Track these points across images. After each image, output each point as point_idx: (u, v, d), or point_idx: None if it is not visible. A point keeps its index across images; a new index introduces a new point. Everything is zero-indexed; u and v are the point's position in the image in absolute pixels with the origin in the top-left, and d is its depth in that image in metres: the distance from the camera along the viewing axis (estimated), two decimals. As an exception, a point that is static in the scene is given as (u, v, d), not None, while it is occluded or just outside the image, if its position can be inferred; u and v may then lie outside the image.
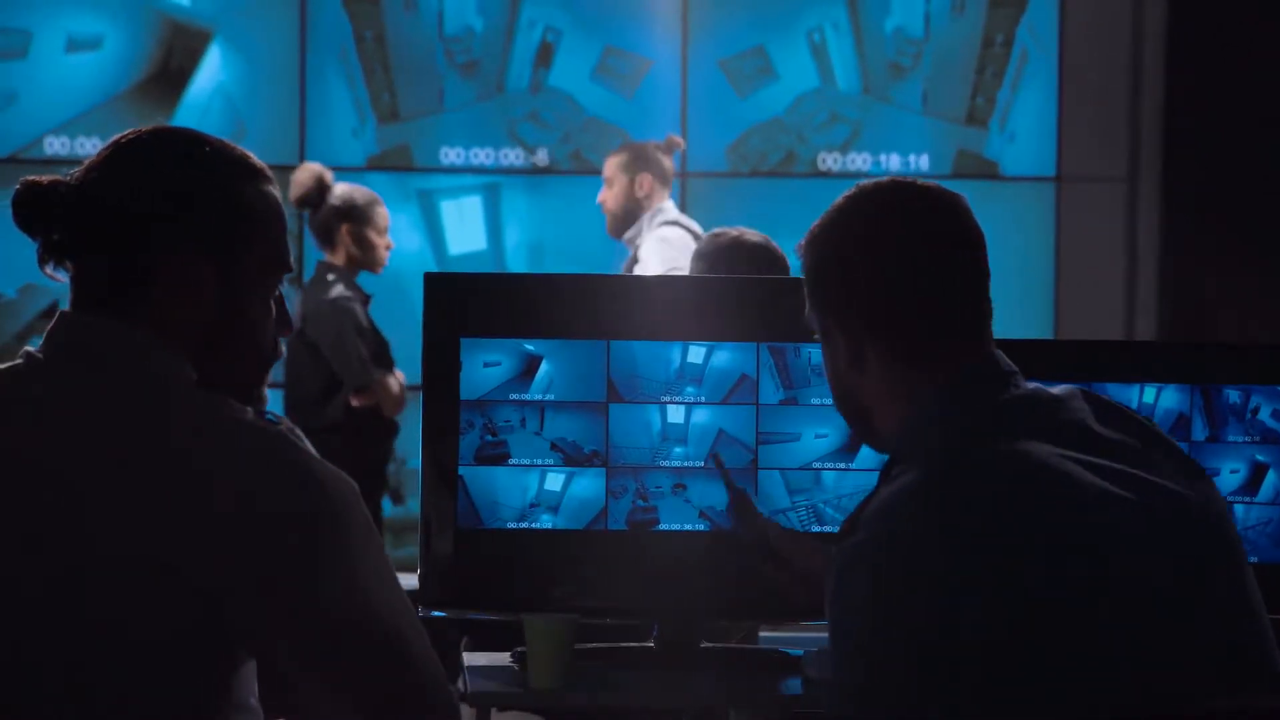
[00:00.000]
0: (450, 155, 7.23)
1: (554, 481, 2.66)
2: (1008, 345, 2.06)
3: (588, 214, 7.09)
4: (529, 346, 2.65)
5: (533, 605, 2.52)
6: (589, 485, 2.65)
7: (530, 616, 2.43)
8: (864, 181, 2.10)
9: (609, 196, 6.07)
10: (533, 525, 2.63)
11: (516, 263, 7.16)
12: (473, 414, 2.65)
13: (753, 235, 3.73)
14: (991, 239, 2.05)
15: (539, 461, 2.65)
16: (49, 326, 1.97)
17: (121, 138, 1.99)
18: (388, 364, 5.86)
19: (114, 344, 1.92)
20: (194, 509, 1.82)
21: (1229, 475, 2.71)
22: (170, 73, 7.13)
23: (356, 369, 5.81)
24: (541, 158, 7.23)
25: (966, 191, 2.14)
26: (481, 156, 7.24)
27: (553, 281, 2.78)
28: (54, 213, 1.94)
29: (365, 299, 5.92)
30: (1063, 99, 7.28)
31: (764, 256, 3.66)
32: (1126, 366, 2.74)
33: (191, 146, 1.99)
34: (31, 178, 1.95)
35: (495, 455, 2.64)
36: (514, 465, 2.64)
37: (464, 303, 2.66)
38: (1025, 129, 7.26)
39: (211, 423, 1.88)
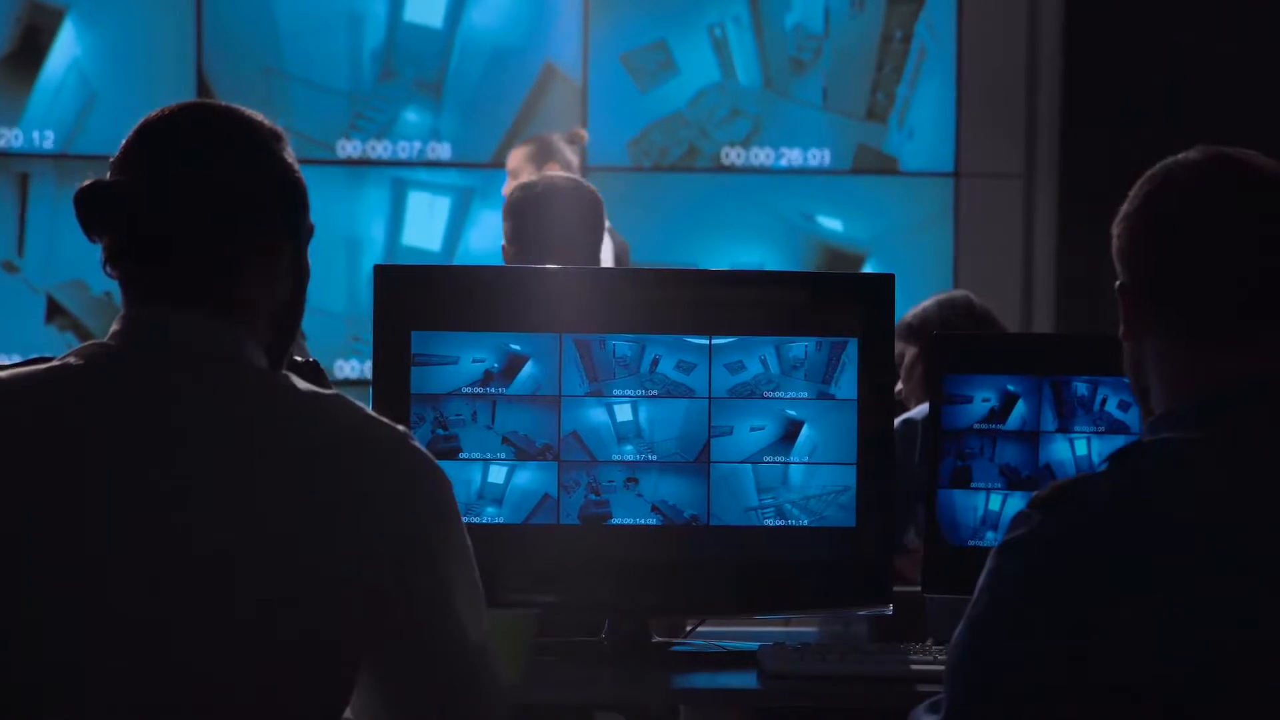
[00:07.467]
0: (348, 147, 7.17)
1: (497, 474, 2.65)
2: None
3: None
4: (506, 342, 2.63)
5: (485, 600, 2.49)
6: (530, 477, 2.64)
7: (491, 612, 2.40)
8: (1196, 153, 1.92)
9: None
10: (478, 520, 2.62)
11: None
12: (424, 408, 2.63)
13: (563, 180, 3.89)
14: (890, 234, 2.03)
15: (489, 455, 2.63)
16: (127, 322, 1.85)
17: (170, 127, 1.86)
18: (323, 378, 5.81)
19: (209, 340, 1.83)
20: (328, 506, 1.78)
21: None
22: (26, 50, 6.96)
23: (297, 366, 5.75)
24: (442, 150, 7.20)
25: (866, 187, 2.12)
26: (380, 149, 7.18)
27: (508, 275, 2.76)
28: (128, 212, 1.82)
29: None
30: (960, 95, 7.34)
31: (577, 198, 3.79)
32: (983, 359, 2.75)
33: (250, 130, 1.88)
34: (94, 179, 1.83)
35: (446, 450, 2.63)
36: (464, 460, 2.63)
37: (415, 296, 2.63)
38: (924, 125, 7.31)
39: (334, 420, 1.83)
